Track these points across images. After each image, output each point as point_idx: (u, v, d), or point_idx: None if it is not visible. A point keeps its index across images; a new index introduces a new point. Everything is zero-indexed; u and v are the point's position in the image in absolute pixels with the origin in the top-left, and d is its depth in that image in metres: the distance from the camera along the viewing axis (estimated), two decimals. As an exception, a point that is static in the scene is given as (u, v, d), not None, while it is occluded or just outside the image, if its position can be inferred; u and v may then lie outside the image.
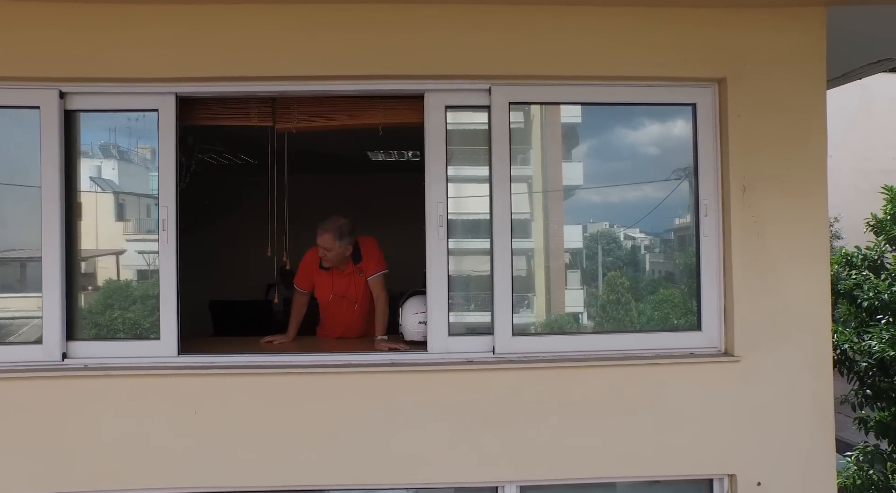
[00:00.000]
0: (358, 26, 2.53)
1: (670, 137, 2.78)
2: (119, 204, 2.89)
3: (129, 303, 2.71)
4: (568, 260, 2.79)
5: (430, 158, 2.65)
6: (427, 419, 2.50)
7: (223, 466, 2.49)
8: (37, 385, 2.50)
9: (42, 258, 2.56)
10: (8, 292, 2.75)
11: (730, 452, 2.55)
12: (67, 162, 2.60)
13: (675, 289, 2.74)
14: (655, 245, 2.85)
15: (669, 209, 2.74)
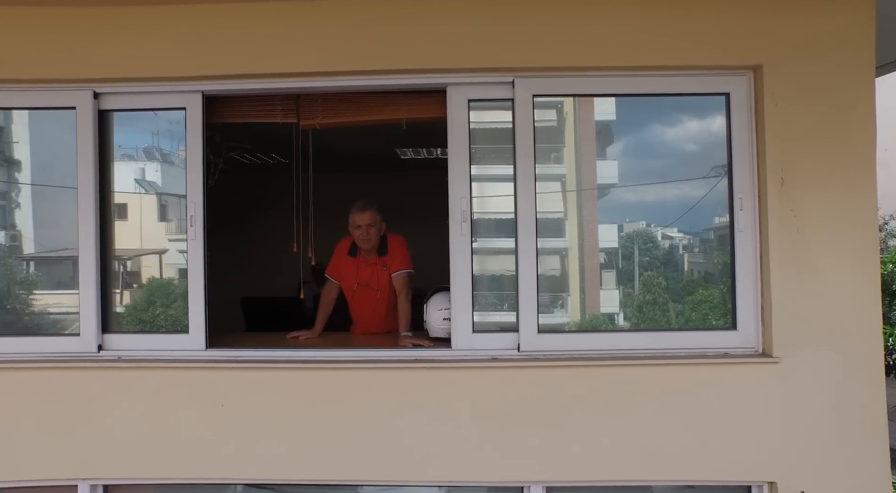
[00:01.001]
0: (380, 21, 2.53)
1: (709, 132, 2.68)
2: (161, 205, 2.99)
3: (171, 300, 2.79)
4: (603, 260, 2.72)
5: (454, 154, 2.62)
6: (451, 417, 2.48)
7: (249, 458, 2.52)
8: (74, 375, 2.60)
9: (79, 255, 2.65)
10: (62, 288, 2.88)
11: (769, 458, 2.44)
12: (102, 161, 2.70)
13: (714, 290, 2.64)
14: (694, 245, 2.76)
15: (708, 208, 2.64)
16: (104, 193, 2.72)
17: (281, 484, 2.58)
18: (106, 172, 2.73)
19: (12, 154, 2.92)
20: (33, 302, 2.85)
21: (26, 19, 2.59)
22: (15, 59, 2.62)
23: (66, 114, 2.69)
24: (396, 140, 5.34)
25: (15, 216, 2.94)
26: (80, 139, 2.67)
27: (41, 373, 2.59)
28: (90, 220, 2.65)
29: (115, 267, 2.79)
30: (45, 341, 2.69)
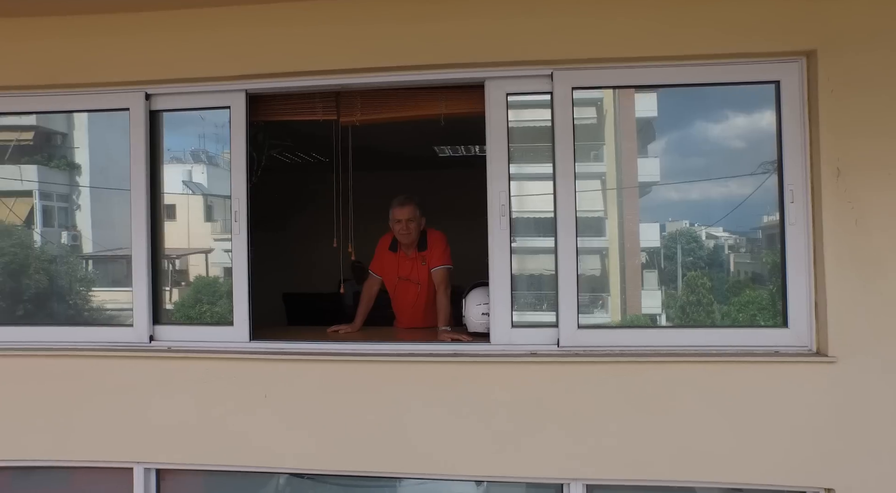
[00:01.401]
0: (418, 17, 2.55)
1: (756, 128, 2.56)
2: (207, 206, 3.10)
3: (216, 298, 2.89)
4: (644, 260, 2.66)
5: (492, 148, 2.61)
6: (490, 411, 2.46)
7: (289, 447, 2.58)
8: (128, 364, 2.71)
9: (132, 249, 2.77)
10: (116, 286, 3.02)
11: (826, 463, 2.33)
12: (152, 161, 2.81)
13: (763, 290, 2.54)
14: (740, 245, 2.65)
15: (756, 206, 2.53)
16: (155, 191, 2.83)
17: (319, 474, 2.63)
18: (157, 171, 2.85)
19: (74, 159, 3.07)
20: (91, 298, 3.01)
21: (83, 27, 2.73)
22: (73, 65, 2.76)
23: (120, 119, 2.82)
24: (435, 138, 5.36)
25: (76, 217, 3.10)
26: (133, 139, 2.79)
27: (99, 361, 2.73)
28: (142, 215, 2.77)
29: (164, 266, 2.90)
30: (102, 330, 2.83)
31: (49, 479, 2.87)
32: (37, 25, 2.75)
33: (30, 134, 3.03)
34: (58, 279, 3.02)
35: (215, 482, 2.82)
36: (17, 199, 3.02)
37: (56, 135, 3.11)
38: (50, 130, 3.10)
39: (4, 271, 2.97)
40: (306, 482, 2.74)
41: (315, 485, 2.75)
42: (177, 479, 2.77)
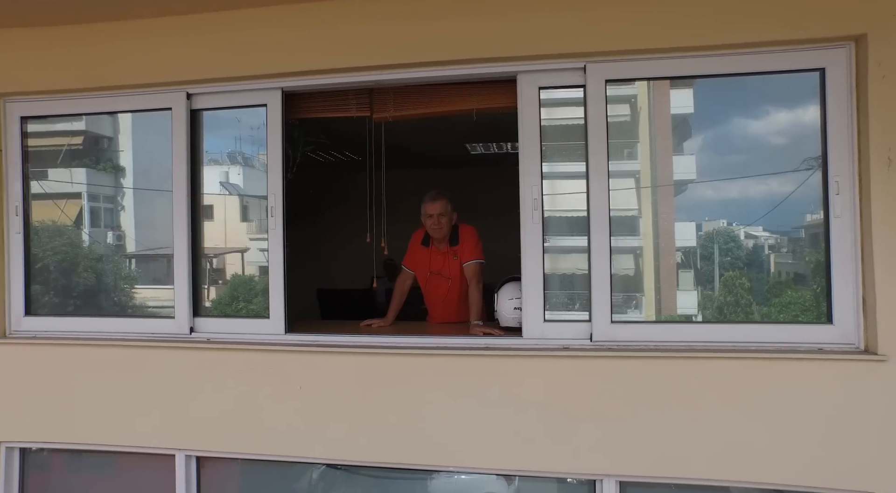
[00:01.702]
0: (450, 13, 2.56)
1: (798, 123, 2.47)
2: (243, 206, 3.17)
3: (252, 296, 2.96)
4: (679, 259, 2.59)
5: (524, 143, 2.60)
6: (521, 406, 2.45)
7: (322, 438, 2.62)
8: (170, 354, 2.81)
9: (174, 242, 2.86)
10: (158, 284, 3.13)
11: (872, 466, 2.24)
12: (192, 160, 2.89)
13: (806, 291, 2.45)
14: (782, 244, 2.55)
15: (799, 204, 2.44)
16: (195, 189, 2.92)
17: (353, 465, 2.66)
18: (196, 170, 2.93)
19: (119, 161, 3.20)
20: (134, 295, 3.12)
21: (129, 31, 2.84)
22: (119, 67, 2.87)
23: (161, 122, 2.91)
24: (467, 135, 5.36)
25: (120, 218, 3.22)
26: (175, 137, 2.88)
27: (143, 351, 2.83)
28: (183, 209, 2.86)
29: (203, 264, 2.98)
30: (146, 322, 2.94)
31: (98, 463, 3.00)
32: (86, 32, 2.88)
33: (79, 139, 3.16)
34: (104, 277, 3.14)
35: (252, 471, 2.88)
36: (68, 200, 3.16)
37: (103, 139, 3.24)
38: (97, 134, 3.23)
39: (57, 269, 3.11)
40: (340, 474, 2.77)
41: (349, 477, 2.79)
42: (215, 466, 2.84)
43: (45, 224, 3.13)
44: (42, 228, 3.12)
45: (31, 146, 3.11)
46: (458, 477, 2.71)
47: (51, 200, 3.14)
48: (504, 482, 2.65)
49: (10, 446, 2.98)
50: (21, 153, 3.07)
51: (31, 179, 3.11)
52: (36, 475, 3.04)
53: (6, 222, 3.06)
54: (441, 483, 2.73)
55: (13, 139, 3.07)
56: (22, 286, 3.06)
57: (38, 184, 3.12)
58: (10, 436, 2.96)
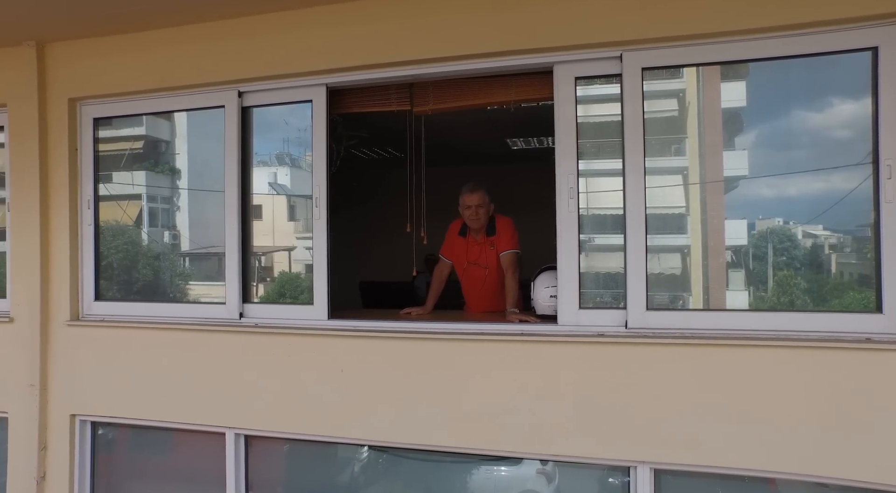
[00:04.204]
0: (487, 6, 2.58)
1: (862, 114, 2.29)
2: (290, 206, 3.30)
3: (298, 292, 3.07)
4: (730, 259, 2.49)
5: (560, 133, 2.60)
6: (557, 391, 2.45)
7: (363, 420, 2.69)
8: (221, 337, 2.95)
9: (225, 232, 3.02)
10: (209, 280, 3.29)
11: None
12: (243, 155, 3.02)
13: (870, 293, 2.30)
14: (845, 244, 2.40)
15: (863, 201, 2.28)
16: (245, 180, 3.05)
17: (394, 448, 2.72)
18: (247, 166, 3.06)
19: (175, 164, 3.39)
20: (188, 291, 3.28)
21: (185, 35, 3.01)
22: (177, 69, 3.04)
23: (213, 126, 3.04)
24: (509, 131, 5.38)
25: (176, 218, 3.40)
26: (228, 133, 3.03)
27: (197, 334, 2.98)
28: (234, 201, 2.99)
29: (252, 262, 3.11)
30: (200, 307, 3.10)
31: (157, 440, 3.19)
32: (150, 38, 3.08)
33: (140, 143, 3.36)
34: (161, 273, 3.33)
35: (296, 450, 3.00)
36: (129, 201, 3.37)
37: (161, 142, 3.44)
38: (156, 138, 3.43)
39: (119, 266, 3.34)
40: (384, 457, 2.84)
41: (393, 460, 2.85)
42: (263, 445, 2.96)
43: (110, 224, 3.34)
44: (106, 227, 3.33)
45: (98, 151, 3.36)
46: (499, 472, 2.72)
47: (114, 201, 3.35)
48: (544, 480, 2.65)
49: (83, 419, 3.22)
50: (93, 153, 3.31)
51: (97, 182, 3.35)
52: (103, 454, 3.25)
53: (80, 216, 3.30)
54: (481, 476, 2.74)
55: (87, 139, 3.30)
56: (93, 273, 3.29)
57: (103, 186, 3.33)
58: (82, 410, 3.18)
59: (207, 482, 3.03)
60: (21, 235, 3.29)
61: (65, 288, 3.24)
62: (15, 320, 3.27)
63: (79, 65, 3.22)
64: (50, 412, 3.20)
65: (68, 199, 3.26)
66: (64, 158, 3.27)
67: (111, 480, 3.24)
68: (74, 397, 3.18)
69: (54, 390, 3.21)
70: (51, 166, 3.29)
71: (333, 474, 2.96)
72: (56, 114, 3.27)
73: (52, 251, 3.28)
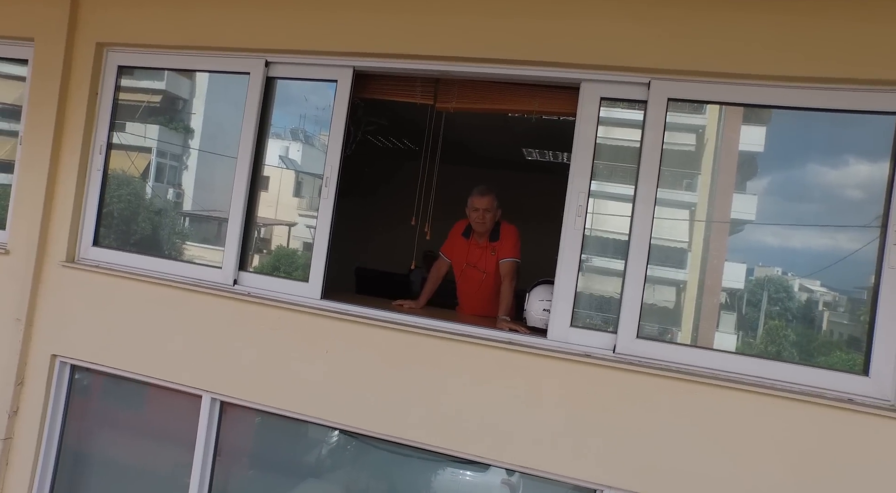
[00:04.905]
0: (521, 13, 2.56)
1: (878, 177, 2.27)
2: (298, 182, 3.26)
3: (292, 268, 3.04)
4: (724, 300, 2.48)
5: (578, 150, 2.59)
6: (536, 404, 2.44)
7: (340, 403, 2.68)
8: (212, 301, 2.93)
9: (232, 196, 2.99)
10: (206, 243, 3.25)
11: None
12: (260, 126, 2.98)
13: (857, 355, 2.29)
14: (839, 303, 2.38)
15: (865, 264, 2.28)
16: (258, 152, 3.02)
17: (366, 435, 2.70)
18: (263, 136, 3.02)
19: (190, 123, 3.34)
20: (184, 251, 3.24)
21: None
22: (206, 29, 3.00)
23: (234, 90, 3.01)
24: (525, 139, 5.35)
25: (182, 176, 3.37)
26: (249, 100, 2.99)
27: (189, 294, 2.95)
28: (245, 167, 2.96)
29: (253, 229, 3.08)
30: (195, 268, 3.05)
31: (131, 392, 3.17)
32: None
33: (158, 97, 3.32)
34: (160, 229, 3.29)
35: (269, 424, 2.98)
36: (139, 153, 3.33)
37: (179, 100, 3.39)
38: (175, 95, 3.37)
39: (120, 216, 3.30)
40: (354, 443, 2.83)
41: (361, 447, 2.84)
42: (237, 413, 2.94)
43: (116, 172, 3.30)
44: (113, 175, 3.29)
45: (118, 98, 3.32)
46: (464, 476, 2.69)
47: (124, 150, 3.32)
48: (507, 491, 2.63)
49: (63, 360, 3.20)
50: (113, 100, 3.28)
51: (112, 130, 3.31)
52: (77, 398, 3.23)
53: (90, 160, 3.28)
54: (446, 478, 2.71)
55: (109, 86, 3.27)
56: (94, 218, 3.26)
57: (115, 134, 3.29)
58: (63, 351, 3.16)
59: (176, 441, 3.01)
60: (29, 170, 3.26)
61: (65, 229, 3.22)
62: (11, 253, 3.25)
63: (111, 10, 3.18)
64: (31, 349, 3.18)
65: (81, 142, 3.23)
66: (83, 101, 3.24)
67: (82, 424, 3.23)
68: (58, 337, 3.16)
69: (39, 328, 3.18)
70: (69, 107, 3.25)
71: (301, 453, 2.95)
72: (82, 56, 3.24)
73: (57, 191, 3.25)
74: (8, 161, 3.44)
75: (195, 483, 2.88)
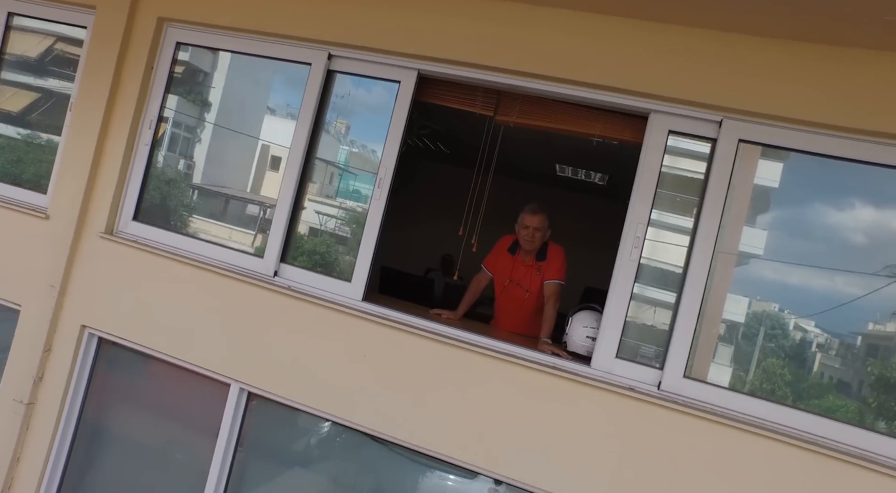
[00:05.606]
0: (592, 35, 2.51)
1: (887, 226, 2.28)
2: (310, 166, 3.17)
3: (298, 254, 2.96)
4: (722, 332, 2.45)
5: (640, 181, 2.53)
6: (575, 432, 2.39)
7: (374, 408, 2.63)
8: (251, 290, 2.87)
9: (281, 185, 2.93)
10: (212, 218, 3.19)
11: None
12: (316, 116, 2.93)
13: (851, 403, 2.27)
14: (831, 346, 2.37)
15: (862, 310, 2.26)
16: (312, 143, 2.97)
17: (397, 443, 2.64)
18: (318, 128, 2.96)
19: (208, 97, 3.27)
20: (190, 224, 3.18)
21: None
22: (273, 16, 2.93)
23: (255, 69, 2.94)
24: (558, 154, 5.29)
25: (195, 149, 3.28)
26: (308, 91, 2.93)
27: (227, 280, 2.89)
28: (298, 157, 2.89)
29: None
30: (235, 255, 2.98)
31: (158, 372, 3.12)
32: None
33: (181, 68, 3.24)
34: (168, 200, 3.22)
35: (295, 419, 2.93)
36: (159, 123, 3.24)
37: (200, 72, 3.31)
38: (196, 67, 3.29)
39: (156, 192, 3.22)
40: (376, 446, 2.78)
41: (385, 453, 2.78)
42: (263, 405, 2.89)
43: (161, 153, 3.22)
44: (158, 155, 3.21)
45: (173, 73, 3.25)
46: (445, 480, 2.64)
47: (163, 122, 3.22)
48: None
49: (92, 332, 3.14)
50: (168, 75, 3.21)
51: (164, 105, 3.23)
52: (101, 371, 3.18)
53: (139, 133, 3.21)
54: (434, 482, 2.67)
55: (165, 60, 3.20)
56: (137, 193, 3.19)
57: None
58: (93, 323, 3.10)
59: (197, 427, 2.97)
60: (78, 137, 3.19)
61: (107, 200, 3.15)
62: (50, 218, 3.19)
63: (173, -14, 3.11)
64: (62, 317, 3.12)
65: (132, 115, 3.17)
66: (138, 74, 3.17)
67: (104, 397, 3.17)
68: (89, 308, 3.10)
69: (71, 297, 3.13)
70: (123, 78, 3.19)
71: (325, 452, 2.90)
72: (142, 29, 3.17)
73: (103, 160, 3.19)
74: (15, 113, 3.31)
75: (215, 472, 2.84)
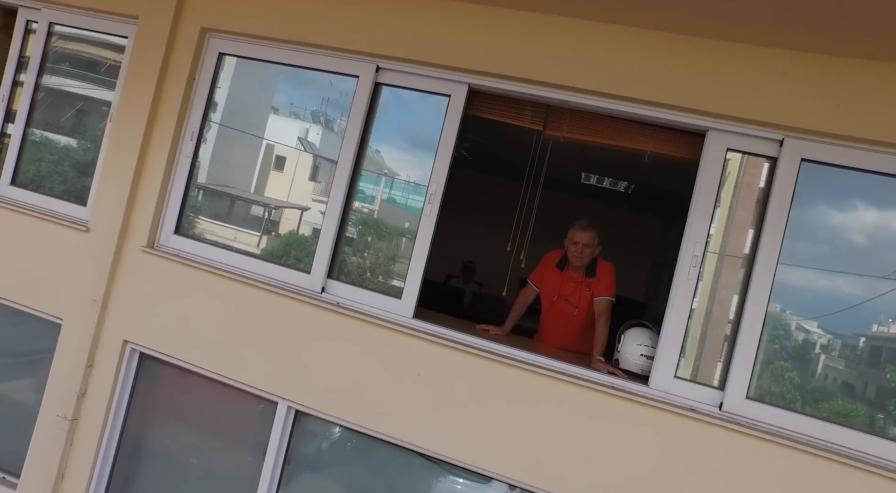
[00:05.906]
0: (646, 52, 2.49)
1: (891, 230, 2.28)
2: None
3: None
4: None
5: (698, 199, 2.50)
6: (634, 454, 2.36)
7: (426, 427, 2.59)
8: (298, 307, 2.82)
9: (329, 198, 2.89)
10: (216, 219, 3.14)
11: None
12: (365, 127, 2.90)
13: (859, 406, 2.26)
14: (834, 347, 2.37)
15: (867, 311, 2.26)
16: (359, 157, 2.93)
17: (450, 463, 2.60)
18: (364, 139, 2.93)
19: (213, 96, 3.19)
20: (196, 225, 3.12)
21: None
22: (319, 27, 2.89)
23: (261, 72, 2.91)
24: (587, 163, 5.24)
25: (200, 149, 3.19)
26: (356, 104, 2.89)
27: (273, 296, 2.85)
28: (346, 169, 2.85)
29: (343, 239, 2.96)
30: (281, 270, 2.93)
31: (201, 388, 3.07)
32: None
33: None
34: (201, 212, 3.17)
35: (344, 437, 2.88)
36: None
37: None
38: None
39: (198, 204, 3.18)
40: (429, 466, 2.74)
41: (435, 469, 2.74)
42: (312, 423, 2.84)
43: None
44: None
45: (216, 85, 3.20)
46: (457, 485, 2.60)
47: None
48: None
49: (134, 347, 3.09)
50: (210, 86, 3.17)
51: (206, 117, 3.18)
52: (143, 386, 3.13)
53: (181, 145, 3.17)
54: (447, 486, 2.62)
55: (207, 71, 3.16)
56: (179, 206, 3.15)
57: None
58: (135, 338, 3.06)
59: (243, 444, 2.92)
60: (119, 148, 3.15)
61: (148, 213, 3.11)
62: (91, 232, 3.14)
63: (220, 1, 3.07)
64: (104, 332, 3.07)
65: (174, 126, 3.13)
66: (180, 85, 3.13)
67: (145, 413, 3.13)
68: (131, 323, 3.06)
69: (113, 312, 3.08)
70: (165, 89, 3.15)
71: (373, 468, 2.86)
72: (184, 39, 3.13)
73: (145, 172, 3.14)
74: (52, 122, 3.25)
75: (263, 490, 2.79)
